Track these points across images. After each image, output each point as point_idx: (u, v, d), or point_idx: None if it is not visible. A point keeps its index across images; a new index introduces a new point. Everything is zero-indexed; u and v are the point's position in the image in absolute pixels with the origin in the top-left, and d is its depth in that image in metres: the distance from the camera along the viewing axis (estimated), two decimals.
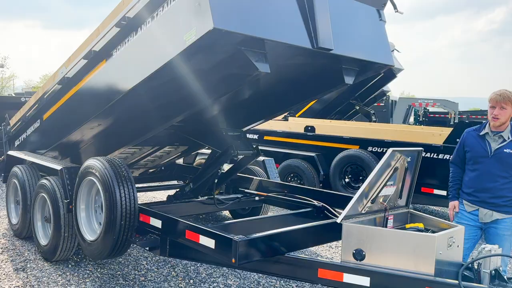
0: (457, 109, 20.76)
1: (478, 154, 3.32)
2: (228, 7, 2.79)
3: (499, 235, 3.25)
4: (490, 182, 3.25)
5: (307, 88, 4.15)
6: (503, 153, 3.21)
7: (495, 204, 3.25)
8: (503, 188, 3.22)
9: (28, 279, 3.69)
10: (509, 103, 3.17)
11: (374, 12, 4.03)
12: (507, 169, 3.22)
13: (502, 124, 3.23)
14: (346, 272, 2.68)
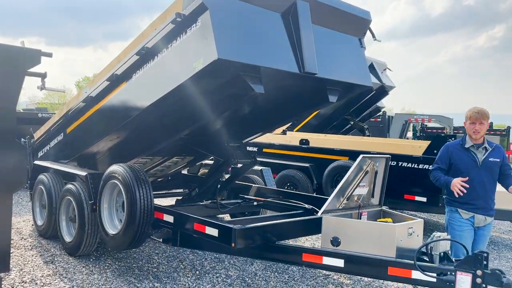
0: (452, 124, 21.41)
1: (468, 165, 3.60)
2: (229, 41, 3.45)
3: (485, 235, 3.66)
4: (482, 190, 3.57)
5: (297, 105, 4.80)
6: (489, 162, 3.59)
7: (487, 208, 3.60)
8: (491, 193, 3.62)
9: (57, 269, 4.30)
10: (486, 118, 3.58)
11: (356, 41, 4.70)
12: (493, 175, 3.62)
13: (478, 137, 3.61)
14: (325, 255, 3.30)
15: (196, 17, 3.47)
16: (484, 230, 3.65)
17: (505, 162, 3.66)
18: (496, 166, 3.61)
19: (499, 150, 3.66)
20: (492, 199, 3.64)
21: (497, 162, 3.60)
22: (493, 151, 3.62)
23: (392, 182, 6.35)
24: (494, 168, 3.61)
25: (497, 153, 3.62)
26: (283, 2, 3.85)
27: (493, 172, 3.62)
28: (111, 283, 4.02)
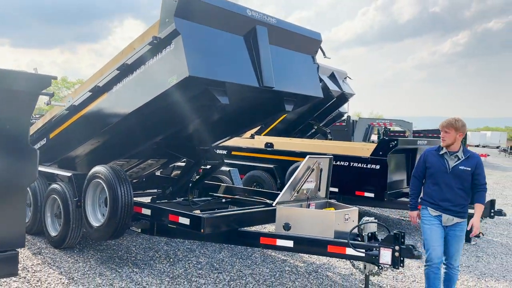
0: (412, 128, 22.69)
1: (439, 170, 3.82)
2: (198, 60, 4.10)
3: (457, 235, 3.82)
4: (450, 193, 3.77)
5: (259, 114, 5.50)
6: (458, 170, 3.76)
7: (455, 211, 3.79)
8: (460, 197, 3.79)
9: (45, 259, 4.83)
10: (451, 127, 3.78)
11: (309, 58, 5.44)
12: (462, 182, 3.77)
13: (449, 145, 3.81)
14: (278, 238, 4.00)
15: (170, 40, 4.11)
16: (454, 230, 3.82)
17: (478, 172, 3.76)
18: (465, 174, 3.75)
19: (472, 161, 3.78)
20: (461, 203, 3.78)
21: (467, 170, 3.74)
22: (465, 160, 3.78)
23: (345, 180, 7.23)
24: (463, 175, 3.75)
25: (469, 163, 3.76)
26: (244, 27, 4.54)
27: (463, 179, 3.76)
28: (95, 269, 4.60)
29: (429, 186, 3.93)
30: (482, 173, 3.82)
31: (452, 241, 3.85)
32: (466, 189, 3.81)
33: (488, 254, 6.17)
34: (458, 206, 3.80)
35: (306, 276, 4.77)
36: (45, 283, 4.16)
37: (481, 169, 3.82)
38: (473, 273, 5.26)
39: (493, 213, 6.65)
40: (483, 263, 5.75)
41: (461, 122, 3.83)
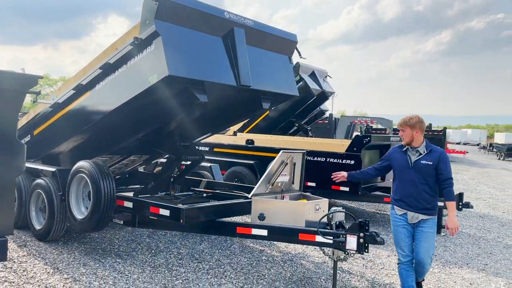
0: (392, 125, 23.23)
1: (402, 165, 3.87)
2: (178, 60, 4.33)
3: (425, 232, 3.78)
4: (413, 189, 3.78)
5: (238, 111, 5.74)
6: (420, 164, 3.77)
7: (418, 207, 3.77)
8: (423, 193, 3.76)
9: (30, 251, 5.01)
10: (406, 126, 3.86)
11: (285, 58, 5.70)
12: (425, 177, 3.76)
13: (409, 143, 3.86)
14: (254, 227, 4.26)
15: (151, 41, 4.33)
16: (422, 227, 3.79)
17: (441, 167, 3.74)
18: (427, 168, 3.74)
19: (434, 155, 3.78)
20: (425, 199, 3.76)
21: (429, 165, 3.74)
22: (427, 154, 3.79)
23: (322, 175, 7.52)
24: (425, 170, 3.75)
25: (431, 157, 3.77)
26: (222, 29, 4.77)
27: (425, 173, 3.75)
28: (79, 260, 4.80)
29: (395, 184, 3.97)
30: (446, 168, 3.76)
31: (420, 238, 3.80)
32: (431, 185, 3.78)
33: (455, 244, 6.53)
34: (423, 203, 3.77)
35: (282, 265, 5.05)
36: (31, 272, 4.35)
37: (445, 163, 3.77)
38: (439, 261, 5.61)
39: (461, 206, 7.01)
40: (450, 252, 6.10)
41: (416, 119, 3.84)
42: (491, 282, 4.95)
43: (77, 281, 4.19)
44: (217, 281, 4.42)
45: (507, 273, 5.31)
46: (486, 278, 5.09)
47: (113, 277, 4.35)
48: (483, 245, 6.63)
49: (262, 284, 4.42)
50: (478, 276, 5.12)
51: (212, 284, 4.33)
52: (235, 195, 5.88)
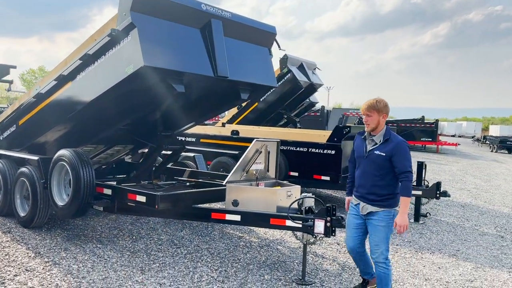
0: None
1: (359, 155, 3.70)
2: (154, 51, 4.45)
3: (375, 225, 3.57)
4: (366, 179, 3.59)
5: (217, 102, 5.88)
6: (373, 154, 3.53)
7: (369, 199, 3.58)
8: (375, 185, 3.54)
9: (14, 237, 5.16)
10: (373, 110, 3.52)
11: (264, 50, 5.82)
12: (378, 169, 3.51)
13: (374, 129, 3.58)
14: (227, 213, 4.42)
15: (128, 32, 4.44)
16: (371, 219, 3.61)
17: (395, 158, 3.46)
18: (380, 159, 3.49)
19: (389, 145, 3.49)
20: (376, 192, 3.56)
21: (382, 156, 3.48)
22: (382, 144, 3.52)
23: (304, 165, 7.69)
24: (378, 161, 3.51)
25: (385, 147, 3.49)
26: (200, 21, 4.89)
27: (378, 165, 3.52)
28: (61, 245, 4.95)
29: (356, 171, 3.78)
30: (401, 160, 3.44)
31: (371, 231, 3.62)
32: (384, 177, 3.52)
33: (432, 232, 6.73)
34: (374, 195, 3.56)
35: (258, 250, 5.22)
36: (12, 256, 4.51)
37: (401, 155, 3.45)
38: (413, 247, 5.79)
39: (438, 195, 7.20)
40: (425, 239, 6.29)
41: (383, 103, 3.57)
42: (460, 266, 5.14)
43: (57, 264, 4.35)
44: (193, 264, 4.59)
45: (477, 258, 5.50)
46: (455, 262, 5.28)
47: (92, 261, 4.51)
48: (459, 232, 6.83)
49: (236, 267, 4.59)
50: (448, 261, 5.31)
51: (187, 267, 4.50)
52: (218, 184, 6.03)
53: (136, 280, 4.08)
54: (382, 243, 3.57)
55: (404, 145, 3.52)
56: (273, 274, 4.44)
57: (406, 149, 3.52)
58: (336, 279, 4.44)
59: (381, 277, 3.62)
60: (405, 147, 3.52)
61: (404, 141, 3.54)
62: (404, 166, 3.46)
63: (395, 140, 3.52)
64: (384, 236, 3.56)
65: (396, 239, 6.13)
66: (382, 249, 3.57)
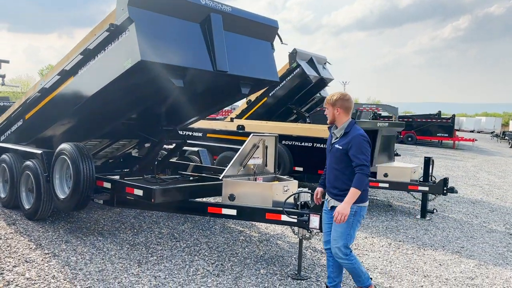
0: (397, 113, 23.12)
1: (327, 149, 3.73)
2: (151, 46, 4.46)
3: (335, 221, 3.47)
4: (329, 173, 3.62)
5: (218, 96, 5.89)
6: (334, 148, 3.55)
7: (332, 193, 3.58)
8: (337, 179, 3.53)
9: (18, 229, 5.27)
10: (327, 103, 3.62)
11: (266, 44, 5.79)
12: (338, 162, 3.51)
13: (332, 122, 3.64)
14: (224, 207, 4.43)
15: (126, 27, 4.47)
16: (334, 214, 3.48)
17: (351, 153, 3.42)
18: (339, 153, 3.50)
19: (346, 139, 3.48)
20: (338, 186, 3.53)
21: (340, 149, 3.49)
22: (341, 138, 3.54)
23: (309, 160, 7.65)
24: (337, 155, 3.52)
25: (343, 141, 3.49)
26: (199, 15, 4.88)
27: (337, 159, 3.52)
28: (62, 237, 5.04)
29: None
30: (356, 153, 3.40)
31: (332, 226, 3.57)
32: (344, 170, 3.49)
33: (438, 228, 6.63)
34: (336, 189, 3.54)
35: (257, 244, 5.22)
36: (14, 248, 4.61)
37: (356, 149, 3.40)
38: (416, 244, 5.72)
39: (445, 191, 7.09)
40: (429, 235, 6.20)
41: (337, 96, 3.56)
42: (462, 264, 5.05)
43: (56, 256, 4.42)
44: (190, 258, 4.61)
45: (481, 255, 5.40)
46: (458, 259, 5.19)
47: (91, 253, 4.57)
48: (466, 229, 6.71)
49: (233, 261, 4.60)
50: (451, 258, 5.23)
51: (184, 260, 4.53)
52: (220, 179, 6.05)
53: (132, 272, 4.12)
54: (340, 239, 3.49)
55: (360, 139, 3.45)
56: (269, 269, 4.44)
57: (362, 143, 3.44)
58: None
59: (349, 271, 3.62)
60: (361, 140, 3.45)
61: (362, 135, 3.48)
62: (359, 159, 3.39)
63: (354, 134, 3.48)
64: (343, 232, 3.48)
65: (400, 235, 6.07)
66: (340, 245, 3.49)
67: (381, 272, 4.59)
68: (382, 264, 4.86)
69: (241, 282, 4.06)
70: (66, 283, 3.78)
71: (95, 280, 3.89)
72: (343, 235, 3.48)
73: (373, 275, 4.48)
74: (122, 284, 3.84)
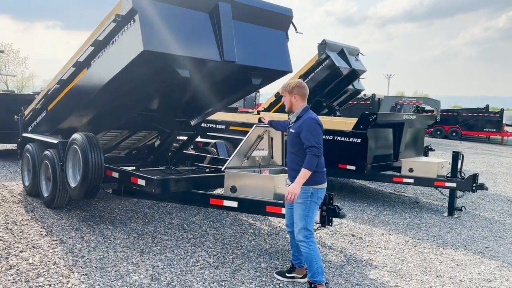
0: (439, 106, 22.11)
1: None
2: (155, 36, 4.45)
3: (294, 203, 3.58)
4: (288, 157, 3.74)
5: (229, 88, 5.80)
6: (290, 132, 3.71)
7: (291, 175, 3.68)
8: (293, 161, 3.65)
9: (34, 216, 5.46)
10: (284, 91, 3.74)
11: (279, 33, 5.63)
12: (292, 145, 3.65)
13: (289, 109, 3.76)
14: (225, 199, 4.37)
15: (131, 18, 4.47)
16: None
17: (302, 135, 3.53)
18: (293, 137, 3.63)
19: (299, 123, 3.61)
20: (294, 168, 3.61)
21: (293, 133, 3.62)
22: (294, 123, 3.68)
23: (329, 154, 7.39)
24: (291, 138, 3.66)
25: (296, 125, 3.63)
26: (208, 4, 4.80)
27: (292, 142, 3.65)
28: (74, 225, 5.17)
29: None
30: (306, 136, 3.48)
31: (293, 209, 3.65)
32: (299, 154, 3.59)
33: (464, 227, 6.25)
34: (293, 171, 3.61)
35: (265, 238, 5.13)
36: (25, 233, 4.77)
37: (306, 131, 3.49)
38: (435, 242, 5.41)
39: (475, 187, 6.67)
40: (453, 234, 5.86)
41: (294, 84, 3.68)
42: (482, 265, 4.72)
43: (63, 243, 4.54)
44: (193, 249, 4.59)
45: (506, 257, 5.03)
46: (479, 260, 4.86)
47: (97, 241, 4.66)
48: (496, 229, 6.29)
49: (236, 254, 4.53)
50: (471, 258, 4.90)
51: (186, 251, 4.51)
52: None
53: (132, 261, 4.15)
54: (300, 221, 3.56)
55: (311, 121, 3.55)
56: (270, 263, 4.33)
57: (312, 125, 3.55)
58: (336, 271, 4.24)
59: (305, 257, 3.61)
60: (311, 123, 3.55)
61: (313, 118, 3.59)
62: (308, 141, 3.49)
63: (306, 118, 3.60)
64: (301, 214, 3.55)
65: (420, 233, 5.77)
66: (300, 227, 3.56)
67: (389, 271, 4.37)
68: (393, 262, 4.62)
69: (238, 275, 3.98)
70: (64, 270, 3.86)
71: (93, 267, 3.94)
72: (302, 217, 3.55)
73: (380, 274, 4.27)
74: (119, 273, 3.87)
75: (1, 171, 8.71)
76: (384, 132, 7.34)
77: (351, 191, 8.38)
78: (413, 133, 8.04)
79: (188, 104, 6.11)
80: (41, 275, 3.71)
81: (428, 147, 9.17)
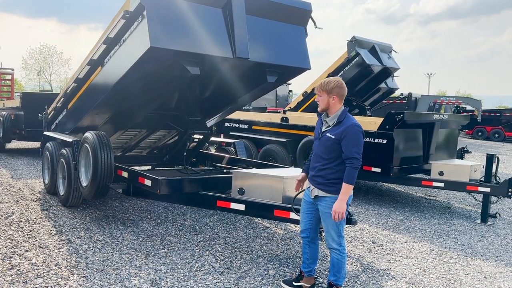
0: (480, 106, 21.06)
1: (315, 136, 3.58)
2: (163, 32, 4.30)
3: (323, 212, 3.41)
4: (316, 161, 3.47)
5: (244, 86, 5.58)
6: (324, 137, 3.38)
7: (316, 181, 3.43)
8: (323, 168, 3.38)
9: (48, 214, 5.47)
10: (322, 91, 3.41)
11: (296, 28, 5.38)
12: (327, 152, 3.36)
13: (324, 110, 3.46)
14: (232, 202, 4.17)
15: (139, 14, 4.36)
16: (320, 204, 3.44)
17: (343, 143, 3.27)
18: (329, 142, 3.34)
19: (340, 129, 3.30)
20: (323, 174, 3.38)
21: (332, 139, 3.33)
22: (334, 127, 3.36)
23: None
24: (327, 144, 3.36)
25: (336, 130, 3.33)
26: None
27: (327, 148, 3.36)
28: (85, 225, 5.13)
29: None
30: (349, 145, 3.23)
31: (321, 218, 3.47)
32: (333, 160, 3.34)
33: (497, 235, 5.77)
34: (321, 178, 3.39)
35: (278, 242, 4.89)
36: (35, 232, 4.76)
37: (349, 139, 3.24)
38: (463, 251, 5.00)
39: (511, 193, 6.16)
40: (484, 243, 5.41)
41: (334, 83, 3.38)
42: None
43: (70, 243, 4.48)
44: (200, 252, 4.42)
45: None
46: (511, 273, 4.43)
47: (105, 242, 4.57)
48: None
49: (244, 259, 4.33)
50: (502, 271, 4.47)
51: (193, 255, 4.35)
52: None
53: (135, 264, 4.03)
54: (332, 230, 3.40)
55: (355, 130, 3.29)
56: (279, 270, 4.10)
57: (357, 134, 3.29)
58: (350, 281, 3.95)
59: (333, 263, 3.47)
60: (356, 132, 3.29)
61: (357, 125, 3.30)
62: (350, 152, 3.26)
63: (346, 123, 3.33)
64: (333, 223, 3.37)
65: (448, 241, 5.36)
66: (333, 235, 3.41)
67: (408, 282, 4.03)
68: (413, 272, 4.28)
69: (243, 283, 3.78)
70: (65, 271, 3.78)
71: (94, 270, 3.84)
72: (335, 226, 3.39)
73: (398, 285, 3.94)
74: (119, 276, 3.75)
75: (29, 169, 8.92)
76: (413, 132, 6.93)
77: (378, 194, 7.99)
78: (445, 134, 7.57)
79: (201, 103, 5.97)
80: (40, 277, 3.64)
81: (464, 149, 8.63)
